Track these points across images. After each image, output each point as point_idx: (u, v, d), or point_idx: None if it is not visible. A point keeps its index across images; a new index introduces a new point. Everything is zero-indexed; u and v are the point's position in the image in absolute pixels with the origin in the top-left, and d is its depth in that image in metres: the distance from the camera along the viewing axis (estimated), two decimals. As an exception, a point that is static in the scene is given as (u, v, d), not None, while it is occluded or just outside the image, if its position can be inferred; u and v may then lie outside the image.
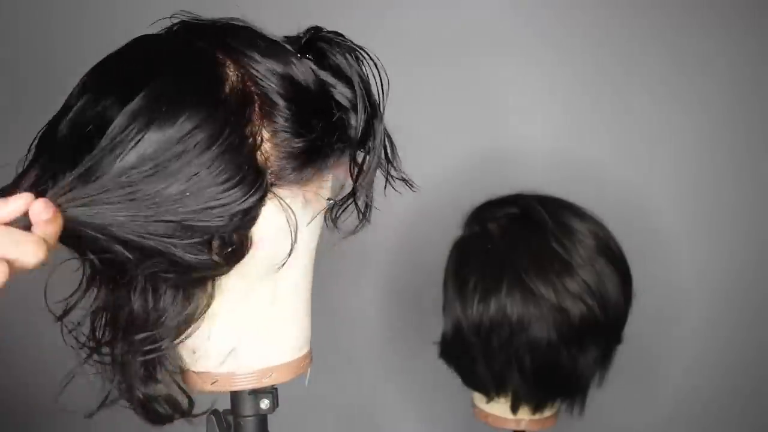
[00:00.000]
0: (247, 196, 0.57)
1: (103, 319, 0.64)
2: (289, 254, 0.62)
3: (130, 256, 0.56)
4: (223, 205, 0.56)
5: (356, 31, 0.67)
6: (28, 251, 0.49)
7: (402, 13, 1.33)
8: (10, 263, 0.49)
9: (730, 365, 1.39)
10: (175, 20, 0.63)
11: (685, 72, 1.32)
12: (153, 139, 0.54)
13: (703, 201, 1.36)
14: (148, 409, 0.67)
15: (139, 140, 0.53)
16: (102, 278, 0.62)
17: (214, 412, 0.72)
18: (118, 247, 0.55)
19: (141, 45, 0.62)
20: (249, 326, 0.66)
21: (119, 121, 0.54)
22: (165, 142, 0.54)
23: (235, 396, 0.70)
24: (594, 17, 1.32)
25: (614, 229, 1.05)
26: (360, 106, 0.62)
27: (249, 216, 0.58)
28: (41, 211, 0.50)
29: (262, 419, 0.71)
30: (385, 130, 0.67)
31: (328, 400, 1.40)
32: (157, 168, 0.54)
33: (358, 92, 0.62)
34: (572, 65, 1.33)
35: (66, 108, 0.59)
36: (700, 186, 1.35)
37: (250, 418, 0.70)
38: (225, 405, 0.73)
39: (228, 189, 0.56)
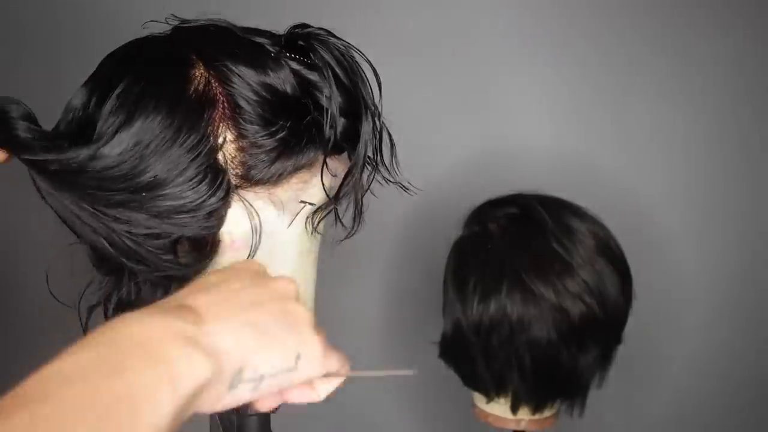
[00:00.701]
0: (207, 196, 0.57)
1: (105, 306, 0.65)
2: (250, 256, 0.62)
3: (103, 248, 0.58)
4: (183, 206, 0.57)
5: (356, 31, 0.67)
6: None
7: (402, 13, 1.33)
8: None
9: (730, 365, 1.39)
10: (171, 23, 0.64)
11: (687, 72, 1.32)
12: (121, 139, 0.55)
13: (704, 201, 1.36)
14: None
15: (111, 139, 0.55)
16: (97, 266, 0.64)
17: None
18: (91, 238, 0.58)
19: (127, 47, 0.63)
20: None
21: (100, 123, 0.56)
22: (131, 142, 0.55)
23: (238, 395, 0.70)
24: (595, 17, 1.32)
25: (614, 229, 1.05)
26: (334, 107, 0.61)
27: (212, 217, 0.59)
28: None
29: (264, 418, 0.71)
30: (383, 131, 0.66)
31: (328, 399, 1.40)
32: (122, 168, 0.55)
33: (329, 91, 0.61)
34: (573, 65, 1.34)
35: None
36: (701, 186, 1.36)
37: (252, 416, 0.70)
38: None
39: (187, 190, 0.57)
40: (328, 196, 0.65)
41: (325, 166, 0.63)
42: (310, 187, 0.64)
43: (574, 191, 1.09)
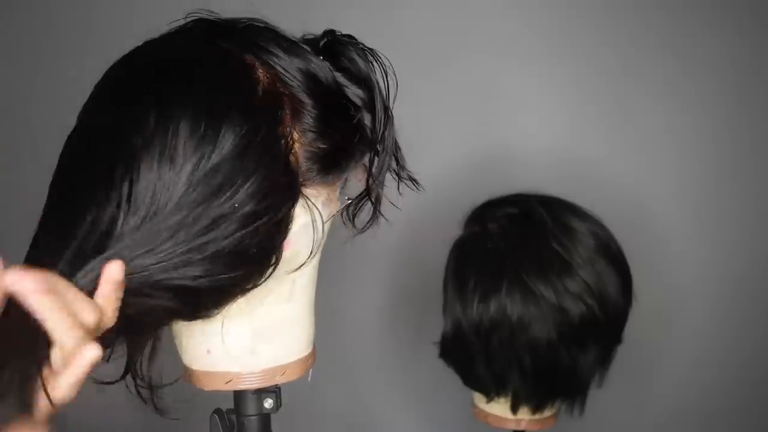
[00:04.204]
0: (288, 202, 0.57)
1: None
2: (314, 253, 0.63)
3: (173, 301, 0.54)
4: (265, 216, 0.55)
5: (356, 32, 0.67)
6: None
7: (402, 13, 1.33)
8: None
9: (730, 365, 1.39)
10: (189, 18, 0.62)
11: (686, 72, 1.32)
12: (204, 154, 0.52)
13: (703, 201, 1.36)
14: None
15: (191, 157, 0.51)
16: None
17: (218, 411, 0.72)
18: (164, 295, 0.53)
19: (167, 48, 0.59)
20: (266, 324, 0.65)
21: (173, 136, 0.51)
22: (214, 156, 0.52)
23: (239, 395, 0.70)
24: (595, 17, 1.32)
25: (614, 229, 1.05)
26: (379, 108, 0.63)
27: (286, 222, 0.58)
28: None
29: (265, 419, 0.71)
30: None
31: (328, 399, 1.40)
32: (210, 185, 0.52)
33: (377, 94, 0.63)
34: (573, 65, 1.33)
35: (86, 122, 0.56)
36: (701, 186, 1.36)
37: (253, 417, 0.70)
38: (228, 404, 0.73)
39: (269, 201, 0.55)
40: (368, 192, 0.65)
41: (371, 164, 0.65)
42: (342, 183, 0.66)
43: (575, 191, 1.09)
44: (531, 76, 1.34)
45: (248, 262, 0.56)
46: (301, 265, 0.63)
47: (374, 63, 0.64)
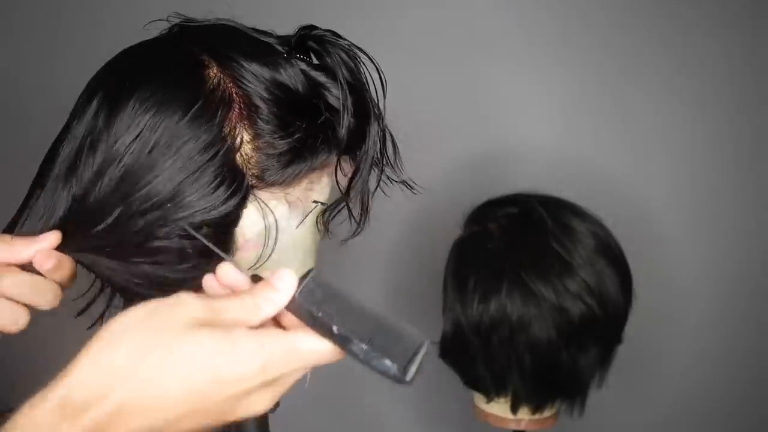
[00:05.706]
0: (226, 197, 0.57)
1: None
2: (268, 257, 0.62)
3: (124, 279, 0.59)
4: (203, 209, 0.57)
5: (356, 32, 0.67)
6: (46, 298, 0.56)
7: (401, 13, 1.33)
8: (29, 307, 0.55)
9: (730, 365, 1.39)
10: (173, 21, 0.63)
11: (685, 72, 1.32)
12: (140, 147, 0.55)
13: (703, 201, 1.36)
14: None
15: (129, 150, 0.55)
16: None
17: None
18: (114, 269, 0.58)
19: (136, 50, 0.62)
20: None
21: (112, 130, 0.56)
22: (151, 148, 0.55)
23: (236, 396, 0.70)
24: (593, 17, 1.32)
25: (614, 229, 1.05)
26: (348, 107, 0.62)
27: (229, 218, 0.58)
28: (42, 262, 0.55)
29: (263, 419, 0.71)
30: (386, 131, 0.66)
31: (327, 399, 1.40)
32: (146, 175, 0.55)
33: (342, 92, 0.61)
34: (572, 65, 1.33)
35: (67, 122, 0.60)
36: (700, 186, 1.35)
37: (251, 417, 0.70)
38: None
39: (206, 192, 0.56)
40: (341, 192, 0.65)
41: (338, 167, 0.64)
42: (319, 186, 0.65)
43: (575, 191, 1.09)
44: (531, 76, 1.34)
45: (187, 254, 0.58)
46: (257, 267, 0.62)
47: (356, 60, 0.63)
